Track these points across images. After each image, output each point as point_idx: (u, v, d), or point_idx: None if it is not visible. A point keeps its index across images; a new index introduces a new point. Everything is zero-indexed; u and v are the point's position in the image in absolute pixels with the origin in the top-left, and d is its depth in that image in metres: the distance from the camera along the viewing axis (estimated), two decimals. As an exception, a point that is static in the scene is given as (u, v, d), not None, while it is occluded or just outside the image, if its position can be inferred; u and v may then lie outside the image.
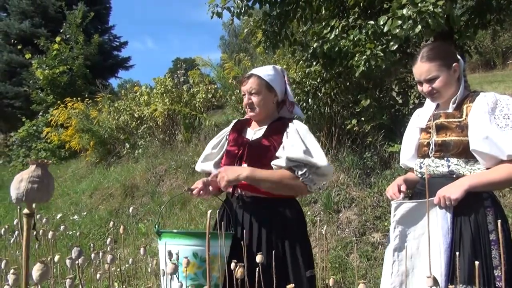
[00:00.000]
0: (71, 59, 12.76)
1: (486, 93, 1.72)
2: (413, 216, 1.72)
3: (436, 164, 1.77)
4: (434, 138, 1.79)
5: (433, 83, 1.76)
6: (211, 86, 7.57)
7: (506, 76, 11.20)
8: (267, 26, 4.47)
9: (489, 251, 1.61)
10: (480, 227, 1.64)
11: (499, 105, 1.66)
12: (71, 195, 7.39)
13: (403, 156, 2.01)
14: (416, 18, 2.68)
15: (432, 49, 1.79)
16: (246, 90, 1.96)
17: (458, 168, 1.71)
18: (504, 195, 3.20)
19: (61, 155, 10.79)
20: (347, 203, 3.98)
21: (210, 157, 2.05)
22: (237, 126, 2.08)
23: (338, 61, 4.07)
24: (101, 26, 17.26)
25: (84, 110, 9.55)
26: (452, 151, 1.71)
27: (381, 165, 4.17)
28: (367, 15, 4.06)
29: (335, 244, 3.62)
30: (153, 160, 7.13)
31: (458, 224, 1.66)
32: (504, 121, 1.62)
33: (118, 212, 5.94)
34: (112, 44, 17.67)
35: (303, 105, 4.65)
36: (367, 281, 3.11)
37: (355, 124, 4.28)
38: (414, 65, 1.82)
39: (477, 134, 1.64)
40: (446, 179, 1.71)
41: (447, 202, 1.63)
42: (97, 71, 14.06)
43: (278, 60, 6.32)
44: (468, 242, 1.63)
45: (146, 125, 8.09)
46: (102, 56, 15.51)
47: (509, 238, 1.68)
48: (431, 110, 1.89)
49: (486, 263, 1.60)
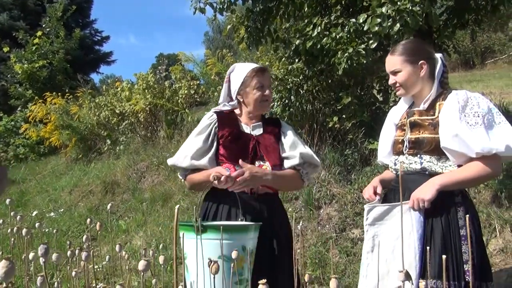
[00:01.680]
0: (51, 53, 12.50)
1: (458, 91, 1.75)
2: (387, 219, 1.74)
3: (409, 161, 1.79)
4: (408, 135, 1.82)
5: (396, 76, 1.82)
6: (193, 82, 7.52)
7: (484, 75, 11.45)
8: (250, 22, 4.45)
9: (459, 246, 1.64)
10: (451, 223, 1.67)
11: (469, 103, 1.69)
12: (50, 192, 7.25)
13: (380, 153, 2.05)
14: (395, 16, 2.71)
15: (404, 44, 1.84)
16: (266, 84, 1.96)
17: (431, 165, 1.74)
18: (479, 192, 3.27)
19: (40, 151, 10.57)
20: (327, 199, 4.02)
21: (204, 152, 1.93)
22: (223, 119, 2.00)
23: (320, 58, 4.09)
24: (82, 20, 16.95)
25: (64, 106, 9.37)
26: (425, 148, 1.74)
27: (361, 162, 4.22)
28: (349, 13, 4.08)
29: (316, 240, 3.64)
30: (134, 156, 7.05)
31: (429, 221, 1.69)
32: (474, 119, 1.65)
33: (98, 209, 5.86)
34: (94, 38, 17.38)
35: (286, 102, 4.66)
36: (346, 276, 3.15)
37: (336, 121, 4.31)
38: (386, 58, 1.87)
39: (447, 131, 1.67)
40: (419, 176, 1.74)
41: (420, 204, 1.65)
42: (78, 66, 13.79)
43: (261, 57, 6.32)
44: (438, 237, 1.66)
45: (127, 121, 7.99)
46: (83, 50, 15.22)
47: (479, 234, 1.72)
48: (405, 107, 1.92)
49: (456, 258, 1.63)
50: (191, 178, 1.98)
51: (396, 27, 2.82)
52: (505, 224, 2.95)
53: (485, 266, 1.71)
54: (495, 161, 1.64)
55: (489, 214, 3.05)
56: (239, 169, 1.86)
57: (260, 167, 1.89)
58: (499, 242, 2.90)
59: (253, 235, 1.64)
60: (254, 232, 1.65)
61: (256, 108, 1.97)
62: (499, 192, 3.14)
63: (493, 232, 2.98)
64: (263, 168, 1.88)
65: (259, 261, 1.77)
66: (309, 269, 3.33)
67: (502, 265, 2.78)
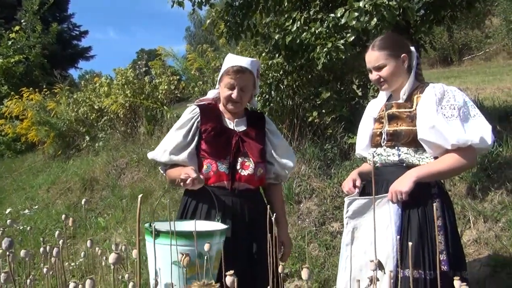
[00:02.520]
0: (28, 48, 12.20)
1: (435, 84, 1.78)
2: (366, 212, 1.76)
3: (387, 153, 1.81)
4: (386, 128, 1.84)
5: (380, 71, 1.81)
6: (173, 77, 7.43)
7: (462, 72, 11.68)
8: (229, 17, 4.42)
9: (434, 237, 1.67)
10: (427, 214, 1.70)
11: (446, 96, 1.72)
12: (27, 190, 7.11)
13: (358, 146, 2.07)
14: (372, 11, 2.73)
15: (383, 38, 1.84)
16: (238, 85, 1.90)
17: (408, 157, 1.76)
18: (455, 184, 3.34)
19: (16, 148, 10.33)
20: (307, 193, 4.04)
21: (183, 147, 1.90)
22: (206, 113, 1.97)
23: (300, 53, 4.09)
24: (60, 14, 16.63)
25: (41, 102, 9.16)
26: (402, 140, 1.76)
27: (341, 156, 4.25)
28: (328, 8, 4.10)
29: (296, 234, 3.66)
30: (114, 153, 6.95)
31: (406, 212, 1.72)
32: (450, 111, 1.68)
33: (76, 207, 5.77)
34: (72, 33, 17.09)
35: (266, 97, 4.66)
36: (326, 269, 3.18)
37: (316, 116, 4.33)
38: (366, 54, 1.86)
39: (424, 123, 1.69)
40: (397, 168, 1.77)
41: (398, 197, 1.68)
42: (55, 61, 13.51)
43: (242, 52, 6.28)
44: (415, 228, 1.68)
45: (107, 117, 7.87)
46: (61, 45, 14.93)
47: (454, 225, 1.76)
48: (384, 101, 1.94)
49: (432, 248, 1.66)
50: (168, 174, 1.96)
51: (374, 22, 2.85)
52: (478, 215, 3.02)
53: (460, 256, 1.75)
54: (470, 152, 1.67)
55: (463, 206, 3.12)
56: (222, 165, 1.86)
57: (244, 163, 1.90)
58: (473, 233, 2.97)
59: (218, 239, 1.62)
60: (220, 236, 1.64)
61: (224, 105, 1.97)
62: (474, 185, 3.22)
63: (468, 223, 3.04)
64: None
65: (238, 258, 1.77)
66: (289, 262, 3.35)
67: (476, 255, 2.84)
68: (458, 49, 15.56)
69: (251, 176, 1.90)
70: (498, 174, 3.22)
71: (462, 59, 15.33)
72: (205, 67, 6.74)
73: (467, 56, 15.36)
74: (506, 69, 10.43)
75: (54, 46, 13.73)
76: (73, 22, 17.28)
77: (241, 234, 1.85)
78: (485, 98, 5.30)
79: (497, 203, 3.06)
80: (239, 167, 1.89)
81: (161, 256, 1.46)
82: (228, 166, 1.88)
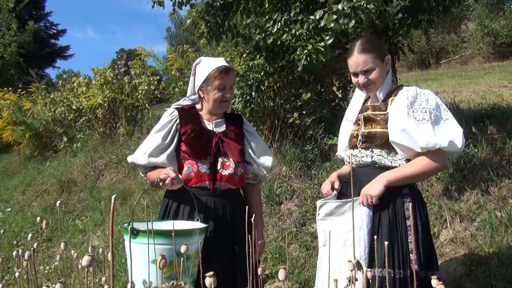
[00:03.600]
0: (3, 46, 11.91)
1: (409, 88, 1.80)
2: (337, 215, 1.77)
3: (362, 155, 1.84)
4: (361, 129, 1.86)
5: (369, 74, 1.80)
6: (153, 77, 7.36)
7: (439, 74, 11.95)
8: (210, 17, 4.40)
9: (405, 237, 1.69)
10: (397, 214, 1.72)
11: (418, 99, 1.74)
12: (1, 192, 6.92)
13: (339, 147, 2.09)
14: (351, 13, 2.77)
15: (367, 41, 1.84)
16: (228, 85, 1.95)
17: (381, 158, 1.78)
18: (432, 185, 3.40)
19: (-10, 149, 10.05)
20: (288, 194, 4.05)
21: (162, 149, 1.90)
22: (185, 116, 1.99)
23: (281, 55, 4.11)
24: (36, 12, 16.25)
25: (16, 101, 8.94)
26: (376, 142, 1.78)
27: (321, 157, 4.28)
28: (308, 10, 4.13)
29: (276, 235, 3.67)
30: (92, 154, 6.83)
31: (377, 213, 1.73)
32: (421, 115, 1.70)
33: (53, 209, 5.63)
34: (49, 31, 16.71)
35: (247, 98, 4.65)
36: (306, 270, 3.19)
37: (296, 117, 4.35)
38: (350, 57, 1.85)
39: (395, 126, 1.72)
40: (370, 169, 1.79)
41: (369, 200, 1.70)
42: (32, 60, 13.21)
43: (222, 53, 6.27)
44: (385, 228, 1.70)
45: (85, 117, 7.72)
46: (38, 44, 14.58)
47: (425, 224, 1.78)
48: (361, 103, 1.96)
49: (402, 247, 1.68)
50: (149, 176, 1.97)
51: (352, 24, 2.89)
52: (455, 215, 3.09)
53: (431, 256, 1.77)
54: (440, 155, 1.70)
55: (440, 206, 3.18)
56: (203, 166, 1.86)
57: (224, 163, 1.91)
58: (449, 232, 3.03)
59: (198, 238, 1.63)
60: (199, 235, 1.65)
61: (215, 107, 1.98)
62: (450, 185, 3.28)
63: (444, 223, 3.11)
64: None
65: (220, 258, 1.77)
66: (270, 263, 3.35)
67: (452, 255, 2.90)
68: (435, 52, 15.91)
69: (232, 176, 1.92)
70: (473, 175, 3.30)
71: (439, 62, 15.68)
72: (186, 68, 6.69)
73: (444, 59, 15.72)
74: (481, 72, 10.72)
75: (31, 44, 13.42)
76: (50, 21, 16.92)
77: (223, 234, 1.85)
78: (461, 101, 5.43)
79: (473, 203, 3.13)
80: (220, 167, 1.90)
81: (140, 255, 1.45)
82: (209, 166, 1.89)
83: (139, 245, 1.51)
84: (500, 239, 2.77)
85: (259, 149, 2.04)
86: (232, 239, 1.89)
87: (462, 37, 15.98)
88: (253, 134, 2.09)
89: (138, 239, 1.54)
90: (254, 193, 2.11)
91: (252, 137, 2.06)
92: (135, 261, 1.34)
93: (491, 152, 3.41)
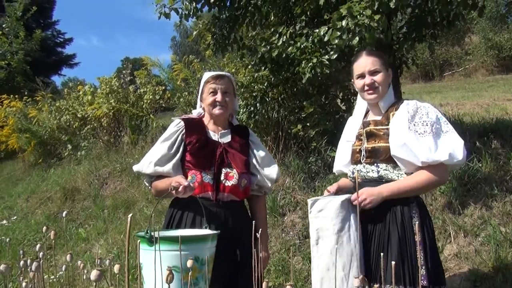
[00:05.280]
0: (10, 54, 12.02)
1: (409, 101, 1.82)
2: (328, 211, 1.77)
3: (367, 170, 1.84)
4: (364, 145, 1.87)
5: (375, 75, 1.83)
6: (159, 87, 7.41)
7: (442, 87, 11.97)
8: (216, 29, 4.45)
9: (414, 252, 1.69)
10: (406, 230, 1.72)
11: (419, 112, 1.76)
12: (6, 199, 6.94)
13: (339, 162, 2.10)
14: (355, 30, 2.80)
15: (374, 49, 1.89)
16: (220, 89, 1.97)
17: (387, 173, 1.79)
18: (436, 199, 3.40)
19: (-5, 155, 10.10)
20: (292, 206, 4.05)
21: (168, 158, 1.92)
22: (191, 126, 2.01)
23: (286, 67, 4.14)
24: (44, 20, 16.43)
25: (22, 109, 9.01)
26: (381, 157, 1.79)
27: (324, 169, 4.28)
28: (314, 24, 4.17)
29: (280, 247, 3.66)
30: (96, 162, 6.86)
31: (386, 227, 1.74)
32: (423, 128, 1.72)
33: (56, 217, 5.65)
34: (56, 40, 16.88)
35: (251, 109, 4.68)
36: (309, 283, 3.17)
37: (300, 129, 4.37)
38: (358, 60, 1.88)
39: (396, 140, 1.73)
40: (376, 184, 1.79)
41: (362, 203, 1.72)
42: (38, 68, 13.34)
43: (227, 64, 6.32)
44: (395, 244, 1.71)
45: (90, 125, 7.77)
46: (45, 52, 14.73)
47: (433, 240, 1.78)
48: (361, 118, 1.97)
49: (412, 263, 1.68)
50: (155, 185, 1.98)
51: (355, 40, 2.92)
52: (459, 229, 3.08)
53: (439, 271, 1.77)
54: (441, 169, 1.71)
55: (444, 220, 3.17)
56: (206, 176, 1.86)
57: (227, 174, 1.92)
58: (453, 247, 3.02)
59: (210, 244, 1.64)
60: (212, 241, 1.65)
61: (209, 112, 2.01)
62: (454, 199, 3.28)
63: (448, 237, 3.09)
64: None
65: (221, 269, 1.77)
66: (273, 275, 3.34)
67: (457, 270, 2.89)
68: (439, 64, 15.94)
69: (236, 187, 1.93)
70: (477, 189, 3.29)
71: (443, 74, 15.70)
72: (191, 78, 6.74)
73: (448, 71, 15.74)
74: (485, 85, 10.72)
75: (38, 52, 13.56)
76: (57, 29, 17.11)
77: (225, 245, 1.86)
78: (465, 114, 5.43)
79: (477, 218, 3.12)
80: (223, 178, 1.92)
81: (158, 263, 1.45)
82: (212, 177, 1.91)
83: (161, 253, 1.51)
84: (504, 255, 2.76)
85: (264, 161, 2.05)
86: (234, 250, 1.90)
87: (466, 50, 16.01)
88: (259, 145, 2.10)
89: (158, 247, 1.54)
90: (259, 205, 2.11)
91: (258, 149, 2.07)
92: (153, 268, 1.33)
93: (495, 167, 3.41)
